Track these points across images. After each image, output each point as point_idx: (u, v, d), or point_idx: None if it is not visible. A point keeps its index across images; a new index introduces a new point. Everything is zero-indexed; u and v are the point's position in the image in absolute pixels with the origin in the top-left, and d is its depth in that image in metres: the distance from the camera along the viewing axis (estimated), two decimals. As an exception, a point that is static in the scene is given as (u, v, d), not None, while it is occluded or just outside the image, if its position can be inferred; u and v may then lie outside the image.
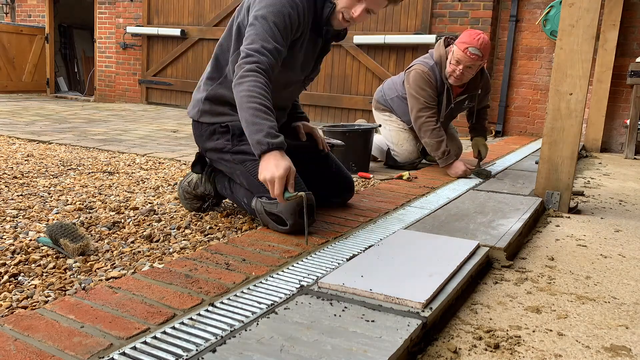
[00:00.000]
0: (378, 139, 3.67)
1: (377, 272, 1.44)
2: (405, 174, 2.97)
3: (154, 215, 2.13)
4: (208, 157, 2.11)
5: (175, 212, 2.20)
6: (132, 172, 2.97)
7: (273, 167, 1.63)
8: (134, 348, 1.02)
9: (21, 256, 1.61)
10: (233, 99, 1.78)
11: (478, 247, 1.73)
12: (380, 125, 3.57)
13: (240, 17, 1.93)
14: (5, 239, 1.76)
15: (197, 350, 1.02)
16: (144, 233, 1.89)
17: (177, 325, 1.11)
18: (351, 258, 1.58)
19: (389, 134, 3.52)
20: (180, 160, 3.41)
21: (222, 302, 1.24)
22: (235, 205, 2.27)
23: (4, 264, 1.54)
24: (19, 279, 1.46)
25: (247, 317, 1.17)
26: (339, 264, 1.53)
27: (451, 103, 3.21)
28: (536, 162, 3.07)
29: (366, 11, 1.88)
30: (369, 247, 1.70)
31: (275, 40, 1.76)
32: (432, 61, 3.15)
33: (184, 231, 1.95)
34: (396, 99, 3.43)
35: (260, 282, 1.37)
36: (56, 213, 2.10)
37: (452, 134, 3.55)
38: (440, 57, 3.12)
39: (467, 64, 2.99)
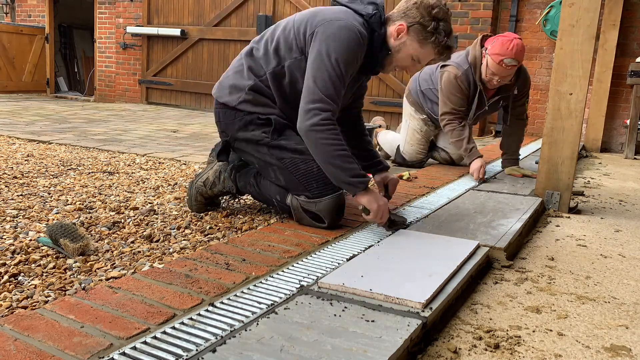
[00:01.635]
0: (394, 137, 3.71)
1: (377, 272, 1.44)
2: (405, 173, 2.97)
3: (154, 215, 2.13)
4: (236, 146, 2.07)
5: (175, 212, 2.20)
6: (132, 172, 2.97)
7: (381, 200, 1.87)
8: (134, 348, 1.02)
9: (21, 256, 1.61)
10: (272, 95, 1.95)
11: (478, 247, 1.73)
12: (380, 126, 3.59)
13: (290, 32, 1.93)
14: (5, 239, 1.76)
15: (197, 350, 1.02)
16: (144, 233, 1.89)
17: (177, 325, 1.11)
18: (351, 258, 1.58)
19: (404, 131, 3.59)
20: (180, 160, 3.41)
21: (222, 302, 1.24)
22: (256, 201, 2.30)
23: (4, 264, 1.54)
24: (19, 279, 1.46)
25: (247, 317, 1.17)
26: (339, 264, 1.53)
27: (484, 105, 3.20)
28: (536, 162, 3.07)
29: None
30: (369, 247, 1.70)
31: (343, 85, 1.85)
32: (467, 64, 3.08)
33: (184, 231, 1.95)
34: (429, 90, 3.42)
35: (260, 282, 1.37)
36: (56, 213, 2.10)
37: None
38: (475, 58, 3.05)
39: (503, 74, 2.94)
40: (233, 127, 2.02)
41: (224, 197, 2.24)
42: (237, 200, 2.33)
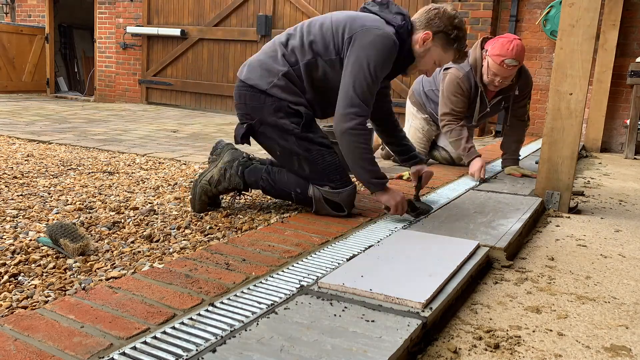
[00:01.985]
0: None
1: (377, 272, 1.44)
2: (405, 174, 2.97)
3: (154, 215, 2.13)
4: (261, 131, 2.11)
5: (175, 212, 2.20)
6: (132, 172, 2.97)
7: (398, 196, 2.05)
8: (134, 348, 1.02)
9: (21, 256, 1.61)
10: (302, 85, 2.07)
11: (478, 247, 1.73)
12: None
13: (328, 31, 2.04)
14: (5, 239, 1.76)
15: (197, 350, 1.02)
16: (144, 233, 1.89)
17: (177, 325, 1.11)
18: (351, 258, 1.58)
19: (406, 130, 3.61)
20: (180, 160, 3.41)
21: (222, 302, 1.24)
22: (255, 201, 2.34)
23: (4, 264, 1.54)
24: (19, 279, 1.46)
25: (247, 317, 1.17)
26: (339, 263, 1.53)
27: (486, 107, 3.22)
28: (536, 162, 3.07)
29: None
30: (369, 247, 1.70)
31: (375, 93, 2.01)
32: (467, 66, 3.11)
33: (184, 231, 1.95)
34: (431, 91, 3.47)
35: (260, 282, 1.37)
36: (56, 213, 2.10)
37: None
38: (475, 60, 3.09)
39: (504, 75, 2.98)
40: (261, 111, 2.07)
41: (225, 196, 2.27)
42: (241, 197, 2.37)
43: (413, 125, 3.62)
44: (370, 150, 2.03)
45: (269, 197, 2.45)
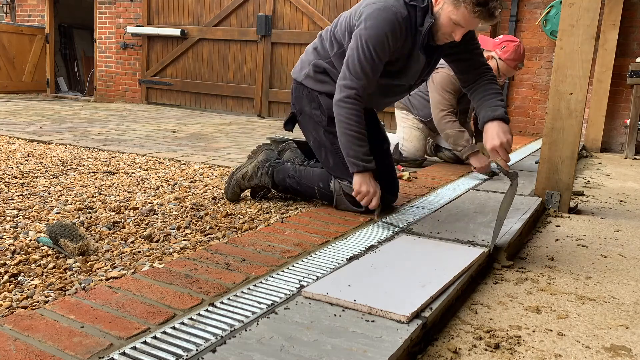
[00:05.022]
0: (390, 136, 3.75)
1: (367, 281, 1.38)
2: (406, 173, 2.97)
3: (154, 215, 2.13)
4: (300, 120, 2.28)
5: (175, 212, 2.20)
6: (132, 172, 2.97)
7: (371, 185, 2.01)
8: (134, 348, 1.02)
9: (21, 256, 1.61)
10: (331, 74, 2.13)
11: (482, 254, 1.65)
12: (384, 124, 3.63)
13: (346, 18, 2.09)
14: (5, 239, 1.76)
15: (197, 350, 1.02)
16: (144, 233, 1.89)
17: (177, 325, 1.11)
18: (351, 258, 1.58)
19: (402, 131, 3.67)
20: (180, 160, 3.41)
21: (222, 302, 1.24)
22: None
23: (4, 264, 1.54)
24: (19, 279, 1.46)
25: (247, 317, 1.17)
26: (338, 264, 1.53)
27: None
28: (536, 162, 3.07)
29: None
30: (369, 247, 1.70)
31: (371, 67, 1.97)
32: None
33: (184, 231, 1.95)
34: (416, 94, 3.58)
35: (260, 282, 1.37)
36: (56, 213, 2.10)
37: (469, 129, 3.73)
38: None
39: (511, 74, 3.36)
40: (301, 101, 2.24)
41: (261, 191, 2.43)
42: (270, 193, 2.49)
43: (407, 125, 3.65)
44: (356, 127, 1.98)
45: (268, 197, 2.45)
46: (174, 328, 1.10)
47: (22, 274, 1.49)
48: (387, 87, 2.17)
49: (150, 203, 2.32)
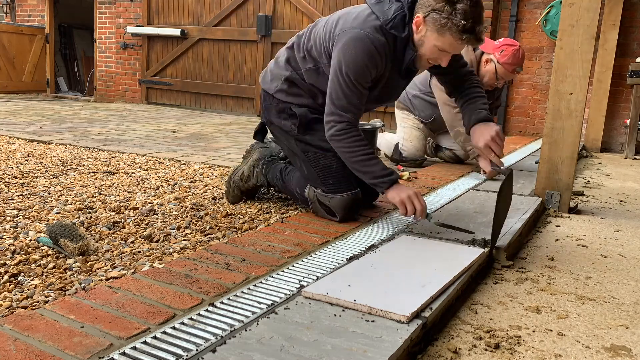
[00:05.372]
0: (390, 136, 3.74)
1: (367, 281, 1.38)
2: (406, 173, 2.97)
3: (154, 215, 2.13)
4: (271, 130, 2.24)
5: (175, 212, 2.20)
6: (132, 172, 2.97)
7: (406, 190, 1.89)
8: (134, 348, 1.02)
9: (21, 256, 1.61)
10: (307, 87, 2.07)
11: (482, 254, 1.65)
12: (384, 125, 3.63)
13: (321, 38, 1.98)
14: (5, 239, 1.76)
15: (197, 350, 1.02)
16: (144, 233, 1.89)
17: (177, 325, 1.11)
18: (351, 258, 1.58)
19: (402, 131, 3.65)
20: (180, 160, 3.41)
21: (222, 302, 1.24)
22: (283, 195, 2.43)
23: (4, 264, 1.54)
24: (19, 279, 1.46)
25: (247, 317, 1.17)
26: (338, 264, 1.53)
27: None
28: (536, 162, 3.07)
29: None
30: (370, 246, 1.70)
31: (357, 97, 1.92)
32: None
33: (184, 231, 1.95)
34: (417, 96, 3.55)
35: (260, 282, 1.37)
36: (56, 213, 2.10)
37: None
38: (471, 62, 3.22)
39: (510, 78, 3.33)
40: (269, 112, 2.18)
41: (260, 189, 2.43)
42: (270, 192, 2.51)
43: (408, 125, 3.63)
44: (361, 150, 1.92)
45: (268, 197, 2.46)
46: (174, 328, 1.10)
47: (22, 274, 1.49)
48: (368, 103, 2.11)
49: (150, 203, 2.32)
